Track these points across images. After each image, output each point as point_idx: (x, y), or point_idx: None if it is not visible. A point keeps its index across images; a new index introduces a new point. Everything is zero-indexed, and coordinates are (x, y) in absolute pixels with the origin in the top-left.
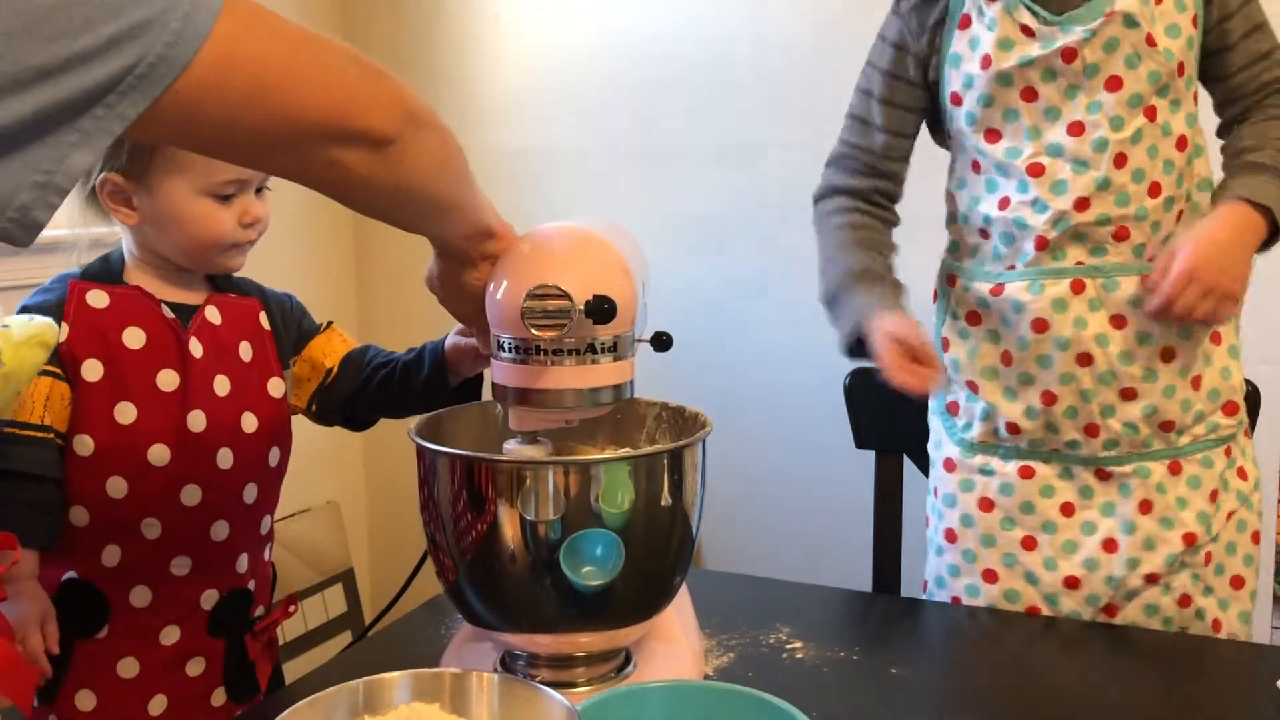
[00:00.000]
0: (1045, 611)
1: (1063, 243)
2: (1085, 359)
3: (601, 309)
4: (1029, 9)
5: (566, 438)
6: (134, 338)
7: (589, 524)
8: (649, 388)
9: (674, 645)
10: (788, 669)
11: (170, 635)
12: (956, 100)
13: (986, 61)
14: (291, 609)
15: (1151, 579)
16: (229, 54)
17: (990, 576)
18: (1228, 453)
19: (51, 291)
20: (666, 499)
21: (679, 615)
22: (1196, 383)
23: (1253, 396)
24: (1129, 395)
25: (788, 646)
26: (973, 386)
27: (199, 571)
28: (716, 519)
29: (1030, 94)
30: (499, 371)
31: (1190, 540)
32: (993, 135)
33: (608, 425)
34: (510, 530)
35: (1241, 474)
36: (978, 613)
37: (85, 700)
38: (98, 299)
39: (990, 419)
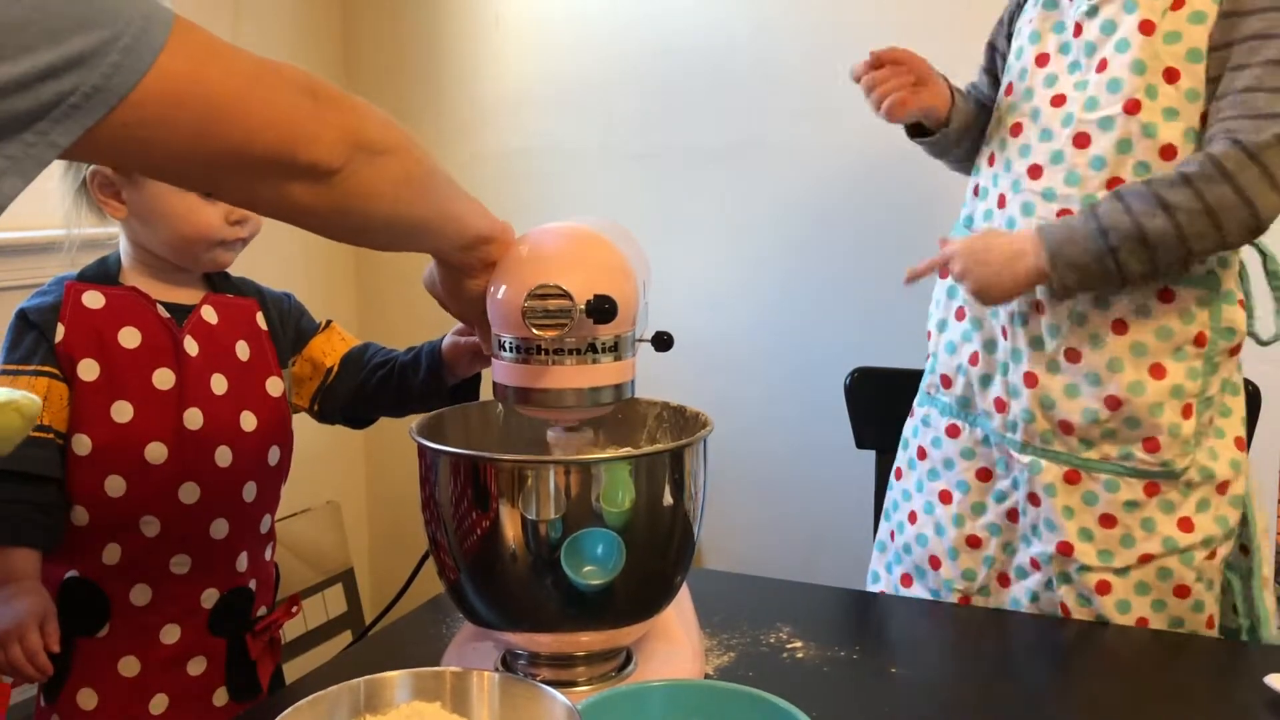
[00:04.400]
0: (945, 564)
1: (1015, 212)
2: (1004, 332)
3: (602, 309)
4: None
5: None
6: (129, 337)
7: (590, 523)
8: (649, 387)
9: (674, 645)
10: (788, 668)
11: (171, 634)
12: (1004, 58)
13: (1032, 20)
14: (294, 610)
15: (1035, 565)
16: (175, 88)
17: (912, 518)
18: (1150, 490)
19: (48, 294)
20: (667, 498)
21: (679, 615)
22: (1113, 402)
23: (1253, 397)
24: (1029, 381)
25: (788, 646)
26: (928, 336)
27: (199, 570)
28: (716, 519)
29: (1043, 59)
30: (500, 371)
31: (1065, 550)
32: (1008, 90)
33: (608, 425)
34: (511, 529)
35: (1184, 525)
36: (977, 613)
37: (87, 699)
38: (93, 300)
39: (934, 371)
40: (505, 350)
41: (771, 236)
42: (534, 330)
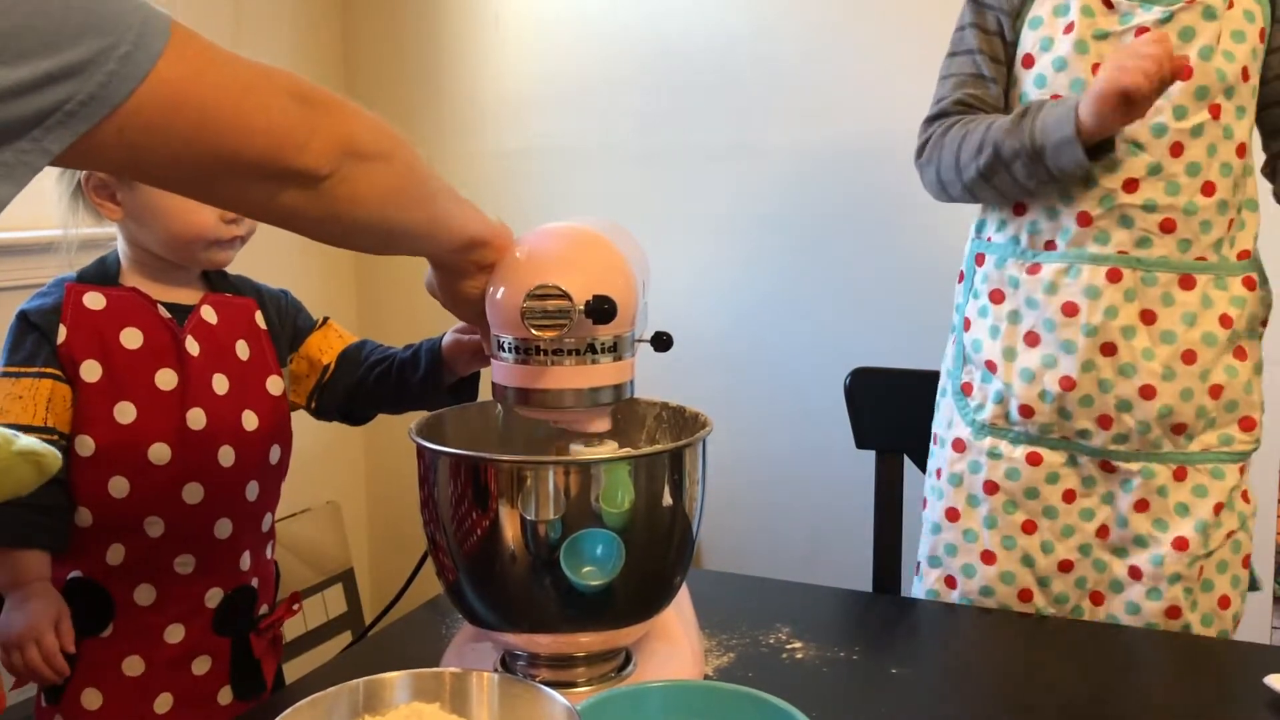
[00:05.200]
0: (1037, 593)
1: (1109, 226)
2: (1109, 349)
3: (601, 309)
4: None
5: (566, 438)
6: (131, 338)
7: (589, 524)
8: (649, 388)
9: (674, 645)
10: (788, 669)
11: (175, 634)
12: (1029, 62)
13: (1070, 27)
14: (296, 607)
15: (1135, 574)
16: (170, 96)
17: (989, 558)
18: (1241, 470)
19: (49, 295)
20: (667, 499)
21: (679, 615)
22: (1216, 391)
23: None
24: (1147, 393)
25: (788, 646)
26: (990, 366)
27: (203, 569)
28: (716, 519)
29: (1099, 69)
30: (499, 371)
31: (1181, 545)
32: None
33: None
34: (510, 530)
35: (1245, 497)
36: (977, 613)
37: (91, 699)
38: (94, 300)
39: (1003, 401)
40: (504, 351)
41: (772, 236)
42: (533, 331)
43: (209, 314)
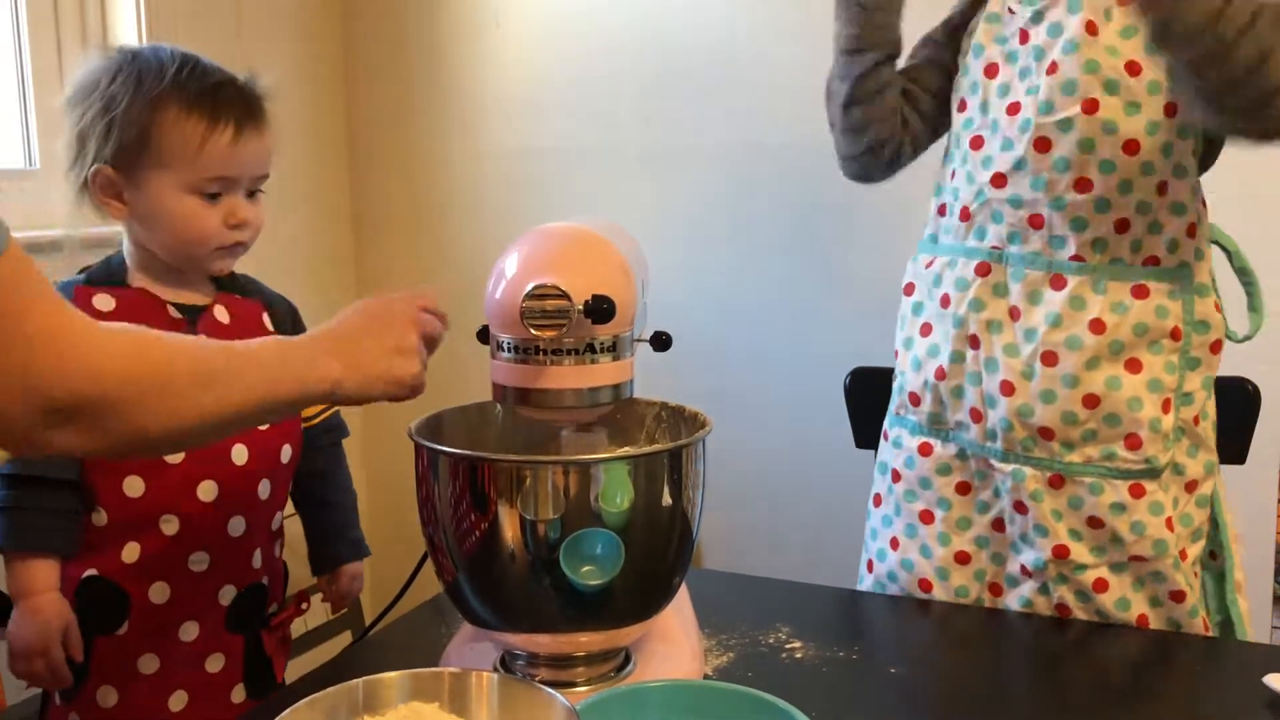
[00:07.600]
0: (935, 584)
1: (984, 221)
2: (974, 341)
3: (601, 309)
4: None
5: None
6: None
7: (589, 523)
8: (649, 387)
9: (673, 645)
10: (787, 669)
11: (189, 631)
12: (956, 70)
13: (975, 38)
14: (305, 605)
15: (1026, 573)
16: None
17: (894, 544)
18: (1135, 492)
19: None
20: (666, 499)
21: (678, 615)
22: (1090, 401)
23: (1253, 397)
24: (1006, 390)
25: (787, 646)
26: (896, 355)
27: (217, 567)
28: (716, 519)
29: (992, 70)
30: (498, 371)
31: (1061, 553)
32: (961, 106)
33: (607, 425)
34: (510, 530)
35: (1169, 526)
36: (978, 613)
37: (107, 697)
38: (104, 303)
39: (903, 390)
40: (504, 350)
41: (771, 236)
42: (532, 330)
43: (221, 314)
